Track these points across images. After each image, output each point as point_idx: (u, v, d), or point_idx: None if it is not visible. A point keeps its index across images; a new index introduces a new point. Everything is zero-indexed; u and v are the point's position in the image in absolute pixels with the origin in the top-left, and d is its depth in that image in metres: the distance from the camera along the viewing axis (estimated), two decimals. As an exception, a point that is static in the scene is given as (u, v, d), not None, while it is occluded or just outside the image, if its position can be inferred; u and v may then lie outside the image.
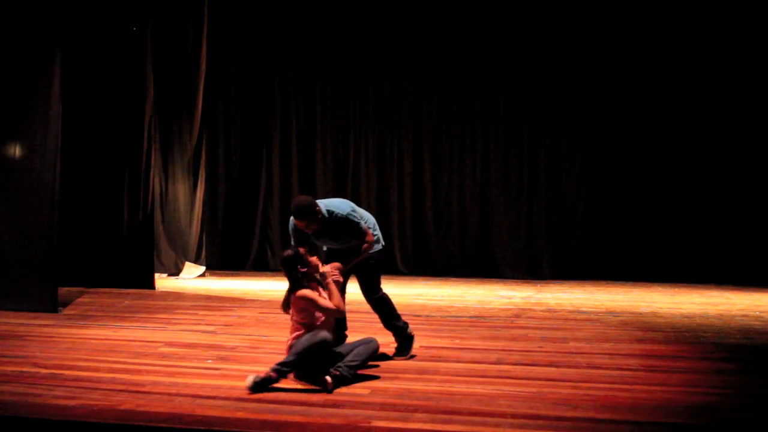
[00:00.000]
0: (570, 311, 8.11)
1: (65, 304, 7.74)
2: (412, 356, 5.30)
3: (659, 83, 12.00)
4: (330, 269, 4.77)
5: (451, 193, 12.71)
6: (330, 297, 4.65)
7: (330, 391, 4.25)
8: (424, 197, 12.78)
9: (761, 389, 4.60)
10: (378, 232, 5.31)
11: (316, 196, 13.28)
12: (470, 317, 7.50)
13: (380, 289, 5.34)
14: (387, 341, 5.29)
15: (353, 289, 5.29)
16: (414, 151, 12.84)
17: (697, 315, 7.86)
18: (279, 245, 12.99)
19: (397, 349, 5.34)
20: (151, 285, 9.64)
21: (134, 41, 9.78)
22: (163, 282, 10.52)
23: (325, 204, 5.09)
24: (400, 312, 5.42)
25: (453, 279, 11.85)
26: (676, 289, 10.63)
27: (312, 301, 4.57)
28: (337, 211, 5.06)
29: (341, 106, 13.07)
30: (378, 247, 5.26)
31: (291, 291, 4.63)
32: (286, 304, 4.66)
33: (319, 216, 4.97)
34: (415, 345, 5.42)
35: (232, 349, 5.55)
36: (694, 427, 3.76)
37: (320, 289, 4.71)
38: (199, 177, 11.96)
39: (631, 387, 4.50)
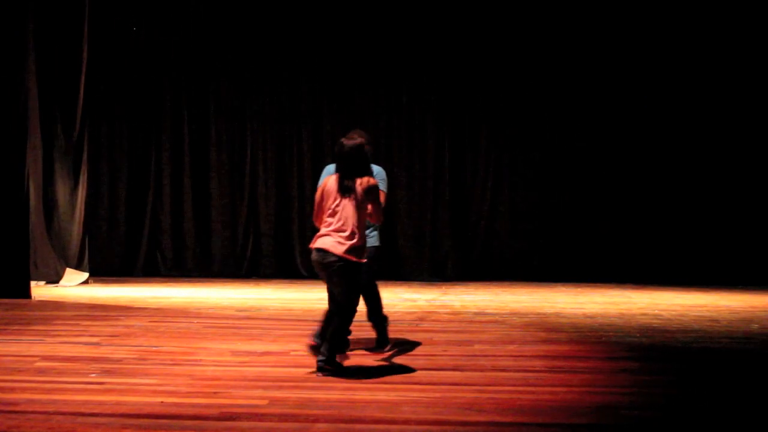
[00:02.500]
0: (475, 313, 8.13)
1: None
2: (393, 349, 5.63)
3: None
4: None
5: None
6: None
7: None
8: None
9: (659, 387, 4.68)
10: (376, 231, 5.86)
11: (210, 196, 12.98)
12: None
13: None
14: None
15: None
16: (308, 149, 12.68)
17: (599, 315, 8.01)
18: (171, 249, 12.55)
19: (377, 341, 5.74)
20: (26, 293, 9.06)
21: (12, 37, 9.28)
22: (40, 290, 9.92)
23: None
24: (316, 316, 5.40)
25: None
26: (579, 289, 10.86)
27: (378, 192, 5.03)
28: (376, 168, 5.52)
29: (236, 102, 12.68)
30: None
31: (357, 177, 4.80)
32: (347, 189, 4.79)
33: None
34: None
35: (119, 361, 5.24)
36: (596, 426, 3.78)
37: None
38: (81, 177, 11.30)
39: (535, 389, 4.52)
